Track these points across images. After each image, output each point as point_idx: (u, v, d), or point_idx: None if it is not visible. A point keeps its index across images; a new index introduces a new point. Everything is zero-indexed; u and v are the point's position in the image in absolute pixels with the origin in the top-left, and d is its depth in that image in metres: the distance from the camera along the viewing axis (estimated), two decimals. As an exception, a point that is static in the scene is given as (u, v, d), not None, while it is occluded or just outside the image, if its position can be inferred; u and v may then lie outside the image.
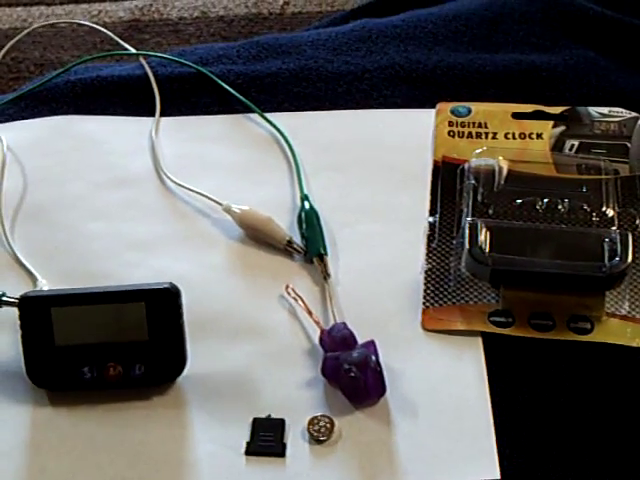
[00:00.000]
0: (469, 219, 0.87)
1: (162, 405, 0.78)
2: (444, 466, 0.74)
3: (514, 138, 0.99)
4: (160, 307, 0.77)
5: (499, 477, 0.74)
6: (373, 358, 0.79)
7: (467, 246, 0.85)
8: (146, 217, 0.92)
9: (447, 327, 0.83)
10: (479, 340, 0.82)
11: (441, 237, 0.89)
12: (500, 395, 0.79)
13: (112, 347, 0.77)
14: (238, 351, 0.82)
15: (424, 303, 0.85)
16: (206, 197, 0.92)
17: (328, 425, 0.77)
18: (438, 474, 0.74)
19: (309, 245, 0.88)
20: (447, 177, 0.94)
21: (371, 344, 0.80)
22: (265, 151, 0.98)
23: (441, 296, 0.85)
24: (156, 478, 0.74)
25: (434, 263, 0.87)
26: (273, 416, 0.77)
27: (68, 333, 0.77)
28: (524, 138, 0.98)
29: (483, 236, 0.85)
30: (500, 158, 0.94)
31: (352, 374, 0.77)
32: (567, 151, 0.97)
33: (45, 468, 0.74)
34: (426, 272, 0.87)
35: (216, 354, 0.82)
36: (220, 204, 0.91)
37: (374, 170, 0.95)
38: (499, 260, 0.84)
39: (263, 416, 0.77)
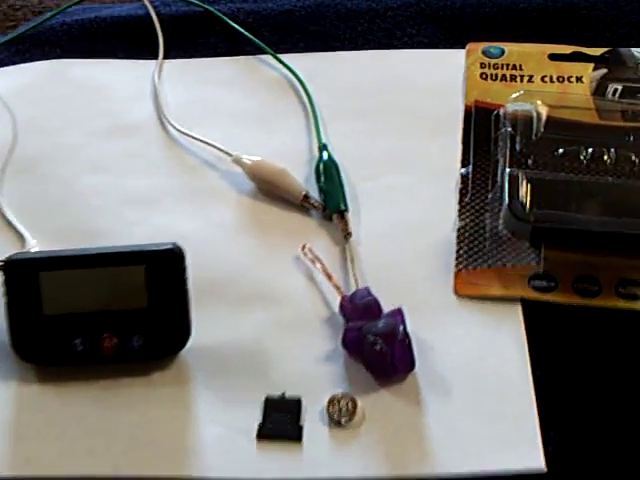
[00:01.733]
0: (508, 170, 0.75)
1: (163, 382, 0.69)
2: (480, 453, 0.64)
3: (552, 82, 0.87)
4: (162, 271, 0.68)
5: (543, 466, 0.63)
6: (401, 328, 0.68)
7: (506, 201, 0.74)
8: (148, 170, 0.82)
9: (482, 292, 0.72)
10: (518, 307, 0.72)
11: (475, 191, 0.79)
12: (543, 370, 0.69)
13: (108, 316, 0.68)
14: (249, 320, 0.72)
15: (457, 266, 0.74)
16: (214, 147, 0.81)
17: (350, 405, 0.66)
18: (474, 462, 0.64)
19: (328, 200, 0.79)
20: (480, 124, 0.83)
21: (398, 313, 0.69)
22: (279, 96, 0.88)
23: (475, 257, 0.74)
24: (156, 465, 0.64)
25: (467, 220, 0.77)
26: (288, 395, 0.68)
27: (58, 300, 0.68)
28: (562, 82, 0.87)
29: (524, 189, 0.74)
30: (538, 103, 0.83)
31: (377, 347, 0.66)
32: (610, 96, 0.87)
33: (30, 454, 0.65)
34: (458, 230, 0.76)
35: (224, 324, 0.72)
36: (229, 155, 0.81)
37: (399, 116, 0.84)
38: (541, 216, 0.73)
39: (277, 395, 0.68)
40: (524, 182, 0.74)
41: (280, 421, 0.66)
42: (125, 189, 0.80)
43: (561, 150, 0.79)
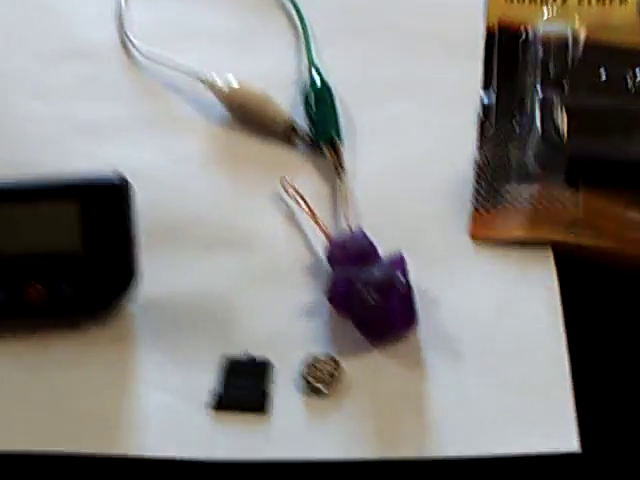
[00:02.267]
0: (541, 95, 0.61)
1: (101, 340, 0.56)
2: (499, 432, 0.50)
3: (589, 4, 0.72)
4: (101, 208, 0.56)
5: (577, 448, 0.48)
6: (401, 278, 0.55)
7: (538, 128, 0.60)
8: (104, 97, 0.68)
9: (505, 236, 0.58)
10: (550, 255, 0.57)
11: (499, 120, 0.65)
12: (578, 333, 0.54)
13: (34, 261, 0.56)
14: (212, 266, 0.60)
15: (474, 205, 0.60)
16: (183, 71, 0.67)
17: (333, 370, 0.52)
18: (489, 443, 0.49)
19: (318, 129, 0.66)
20: (505, 47, 0.69)
21: (398, 260, 0.55)
22: (264, 13, 0.73)
23: (498, 197, 0.60)
24: (88, 439, 0.52)
25: (488, 153, 0.63)
26: (255, 356, 0.54)
27: (-26, 242, 0.57)
28: (603, 4, 0.72)
29: (560, 116, 0.60)
30: (575, 23, 0.68)
31: (370, 299, 0.52)
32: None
33: None
34: (477, 165, 0.63)
35: (182, 272, 0.60)
36: (202, 79, 0.66)
37: (408, 36, 0.71)
38: (580, 147, 0.58)
39: (239, 355, 0.55)
40: (560, 108, 0.61)
41: (243, 388, 0.53)
42: (75, 118, 0.67)
43: (604, 76, 0.65)
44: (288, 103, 0.66)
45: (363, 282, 0.54)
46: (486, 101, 0.65)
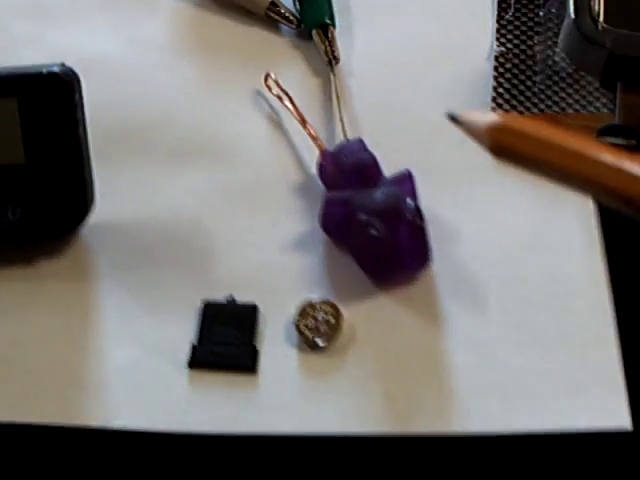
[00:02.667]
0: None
1: (52, 275, 0.47)
2: (530, 403, 0.42)
3: None
4: (43, 107, 0.46)
5: (629, 423, 0.40)
6: (410, 202, 0.45)
7: (571, 14, 0.49)
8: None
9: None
10: None
11: (521, 4, 0.53)
12: (624, 274, 0.45)
13: None
14: (183, 186, 0.51)
15: (493, 110, 0.50)
16: None
17: (332, 318, 0.44)
18: (519, 417, 0.41)
19: (306, 10, 0.56)
20: None
21: (406, 179, 0.46)
22: None
23: (521, 99, 0.50)
24: (43, 406, 0.42)
25: (509, 45, 0.54)
26: (238, 300, 0.45)
27: None
28: None
29: (597, 1, 0.49)
30: None
31: (373, 231, 0.43)
32: None
33: None
34: (496, 60, 0.52)
35: (146, 191, 0.50)
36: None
37: None
38: (622, 39, 0.48)
39: (221, 300, 0.45)
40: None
41: (225, 341, 0.44)
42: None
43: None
44: None
45: (363, 207, 0.44)
46: (505, -22, 0.56)
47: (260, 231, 0.47)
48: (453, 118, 0.36)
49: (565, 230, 0.47)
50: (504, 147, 0.34)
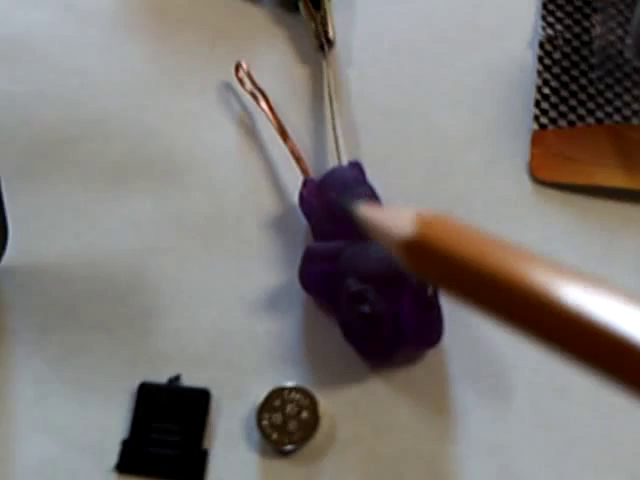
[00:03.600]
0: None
1: None
2: None
3: None
4: None
5: None
6: None
7: (644, -3, 0.39)
8: None
9: (585, 180, 0.38)
10: None
11: None
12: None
13: None
14: (123, 214, 0.41)
15: (537, 119, 0.40)
16: None
17: (305, 412, 0.35)
18: None
19: None
20: None
21: None
22: None
23: (572, 103, 0.40)
24: None
25: (559, 27, 0.42)
26: (186, 381, 0.36)
27: None
28: None
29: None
30: None
31: (365, 307, 0.34)
32: None
33: None
34: (542, 47, 0.42)
35: (76, 220, 0.40)
36: None
37: None
38: None
39: (163, 380, 0.36)
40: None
41: (164, 438, 0.35)
42: None
43: None
44: None
45: (354, 270, 0.35)
46: None
47: (220, 283, 0.37)
48: (345, 211, 0.27)
49: (623, 286, 0.37)
50: (424, 271, 0.25)
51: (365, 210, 0.27)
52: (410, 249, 0.24)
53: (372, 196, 0.37)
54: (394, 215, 0.25)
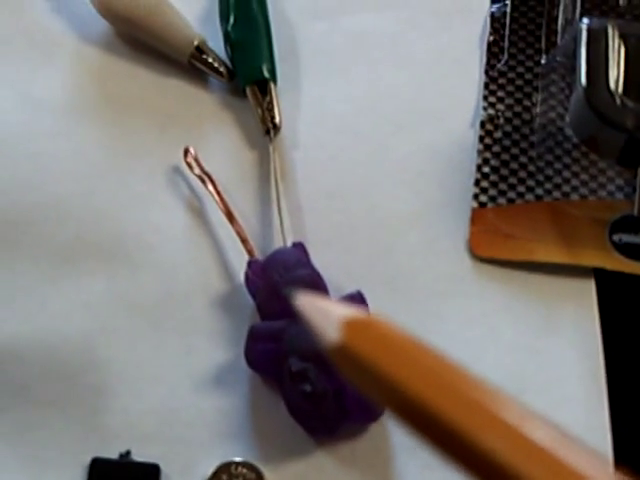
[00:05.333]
0: (587, 20, 0.45)
1: None
2: None
3: None
4: None
5: None
6: None
7: (583, 82, 0.44)
8: None
9: (525, 256, 0.43)
10: (590, 284, 0.43)
11: (516, 49, 0.48)
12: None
13: None
14: (72, 295, 0.44)
15: (476, 198, 0.45)
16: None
17: None
18: None
19: (238, 59, 0.50)
20: None
21: (356, 303, 0.41)
22: None
23: (512, 181, 0.45)
24: None
25: (501, 107, 0.47)
26: (136, 456, 0.40)
27: None
28: None
29: (615, 60, 0.44)
30: None
31: (307, 386, 0.38)
32: None
33: None
34: (482, 126, 0.47)
35: (25, 300, 0.44)
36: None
37: None
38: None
39: (114, 456, 0.40)
40: (617, 44, 0.45)
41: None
42: None
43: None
44: (196, 13, 0.51)
45: (296, 348, 0.39)
46: (496, 12, 0.50)
47: (169, 361, 0.42)
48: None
49: (563, 359, 0.41)
50: (349, 375, 0.27)
51: (302, 301, 0.29)
52: (334, 354, 0.27)
53: (314, 277, 0.41)
54: (324, 315, 0.28)
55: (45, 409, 0.41)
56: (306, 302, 0.29)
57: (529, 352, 0.42)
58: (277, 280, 0.41)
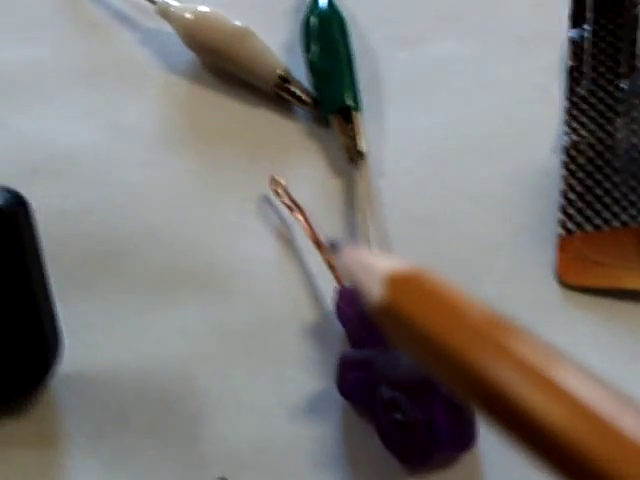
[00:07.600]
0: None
1: (14, 441, 0.41)
2: None
3: None
4: None
5: None
6: None
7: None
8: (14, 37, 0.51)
9: (614, 284, 0.42)
10: None
11: (597, 72, 0.47)
12: None
13: None
14: (169, 325, 0.44)
15: (563, 224, 0.43)
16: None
17: None
18: None
19: (320, 88, 0.49)
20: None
21: None
22: None
23: (597, 207, 0.44)
24: None
25: (584, 132, 0.46)
26: None
27: None
28: None
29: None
30: None
31: (398, 415, 0.37)
32: None
33: None
34: (566, 152, 0.46)
35: (125, 328, 0.44)
36: (152, 1, 0.50)
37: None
38: None
39: None
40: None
41: None
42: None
43: None
44: (280, 43, 0.51)
45: (386, 377, 0.38)
46: (576, 38, 0.49)
47: (263, 389, 0.41)
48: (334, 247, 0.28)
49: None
50: (392, 337, 0.25)
51: (347, 256, 0.27)
52: (377, 313, 0.25)
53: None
54: (368, 272, 0.26)
55: (142, 436, 0.41)
56: (350, 257, 0.27)
57: (616, 381, 0.41)
58: (329, 244, 0.41)
